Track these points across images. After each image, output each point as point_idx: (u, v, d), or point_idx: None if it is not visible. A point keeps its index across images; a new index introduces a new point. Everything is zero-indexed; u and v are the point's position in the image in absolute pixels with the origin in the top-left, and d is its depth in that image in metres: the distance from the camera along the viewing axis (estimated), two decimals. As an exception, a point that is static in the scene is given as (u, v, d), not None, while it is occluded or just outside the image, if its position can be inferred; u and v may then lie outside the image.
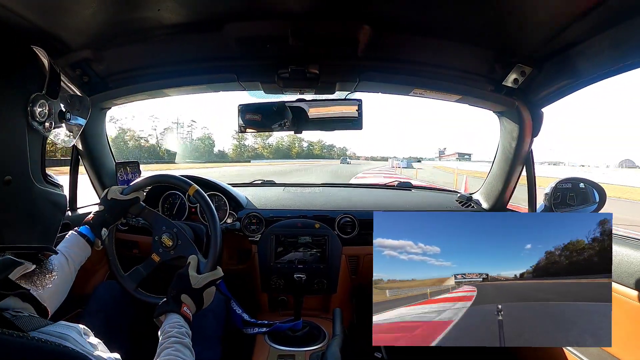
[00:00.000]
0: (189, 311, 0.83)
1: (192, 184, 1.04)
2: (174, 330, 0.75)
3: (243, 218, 1.48)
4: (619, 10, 0.75)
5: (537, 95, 1.17)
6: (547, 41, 0.93)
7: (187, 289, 0.86)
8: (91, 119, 1.41)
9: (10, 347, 0.32)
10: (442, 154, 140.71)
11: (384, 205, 1.69)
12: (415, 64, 1.18)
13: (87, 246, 0.92)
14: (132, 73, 1.23)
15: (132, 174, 1.54)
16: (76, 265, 0.87)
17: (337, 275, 1.43)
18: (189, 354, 0.72)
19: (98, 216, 0.97)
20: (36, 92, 0.48)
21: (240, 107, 1.28)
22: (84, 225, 0.94)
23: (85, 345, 0.44)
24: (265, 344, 1.19)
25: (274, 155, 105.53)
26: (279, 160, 76.68)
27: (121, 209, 1.01)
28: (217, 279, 0.92)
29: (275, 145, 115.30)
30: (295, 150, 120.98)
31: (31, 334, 0.39)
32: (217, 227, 1.02)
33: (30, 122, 0.47)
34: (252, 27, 0.99)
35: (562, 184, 1.21)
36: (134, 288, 1.03)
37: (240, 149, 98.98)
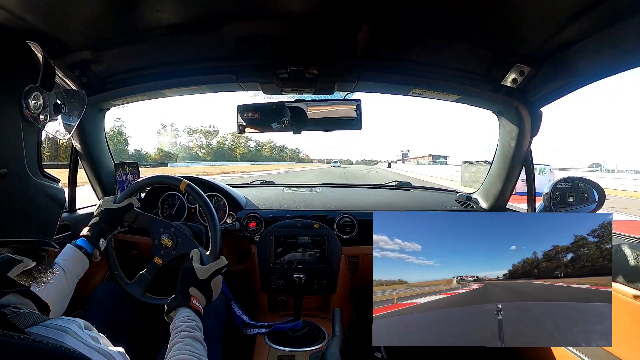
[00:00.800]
0: (199, 304, 0.83)
1: (182, 180, 1.04)
2: (184, 324, 0.74)
3: (242, 218, 1.48)
4: (617, 10, 0.75)
5: (536, 94, 1.17)
6: (546, 40, 0.93)
7: (194, 281, 0.86)
8: (90, 120, 1.41)
9: (10, 349, 0.32)
10: (406, 156, 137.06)
11: (384, 205, 1.69)
12: (414, 64, 1.18)
13: (85, 258, 0.91)
14: (131, 74, 1.23)
15: (131, 174, 1.53)
16: (74, 277, 0.87)
17: (337, 275, 1.43)
18: (201, 347, 0.71)
19: (94, 227, 0.97)
20: (30, 85, 0.48)
21: (239, 107, 1.28)
22: (80, 238, 0.94)
23: (86, 338, 0.44)
24: (265, 345, 1.19)
25: (211, 157, 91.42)
26: (216, 164, 63.92)
27: (116, 217, 1.01)
28: (222, 267, 0.92)
29: (216, 146, 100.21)
30: (240, 151, 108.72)
31: (32, 329, 0.39)
32: (214, 216, 1.01)
33: (25, 114, 0.47)
34: (251, 27, 0.99)
35: (561, 183, 1.21)
36: (141, 294, 1.02)
37: (161, 151, 78.04)
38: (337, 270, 1.43)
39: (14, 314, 0.41)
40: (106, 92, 1.27)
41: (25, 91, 0.47)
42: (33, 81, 0.49)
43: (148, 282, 1.03)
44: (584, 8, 0.77)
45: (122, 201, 1.02)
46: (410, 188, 2.00)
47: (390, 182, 2.10)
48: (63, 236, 1.29)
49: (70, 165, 1.45)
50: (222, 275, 0.92)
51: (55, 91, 0.54)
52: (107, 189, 1.57)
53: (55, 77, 0.54)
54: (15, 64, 0.48)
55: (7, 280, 0.46)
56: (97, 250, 0.94)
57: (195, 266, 0.88)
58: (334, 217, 1.50)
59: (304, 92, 1.28)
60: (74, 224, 1.34)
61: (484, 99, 1.30)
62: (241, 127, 1.29)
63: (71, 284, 0.85)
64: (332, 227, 1.47)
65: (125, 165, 1.55)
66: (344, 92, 1.32)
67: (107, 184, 1.55)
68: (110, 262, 1.05)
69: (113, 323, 1.07)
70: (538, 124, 1.26)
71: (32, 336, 0.35)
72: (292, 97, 1.30)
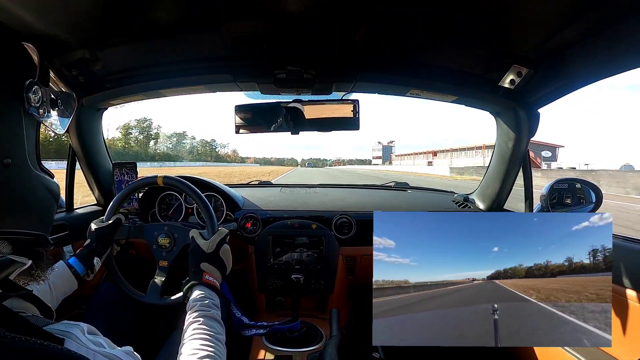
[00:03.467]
0: (213, 279, 0.83)
1: (157, 175, 1.05)
2: (197, 304, 0.74)
3: (240, 219, 1.48)
4: (615, 12, 0.75)
5: (534, 96, 1.17)
6: (543, 42, 0.93)
7: (202, 256, 0.87)
8: (87, 120, 1.40)
9: (10, 350, 0.32)
10: (390, 152, 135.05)
11: (382, 205, 1.69)
12: (412, 64, 1.18)
13: (73, 279, 0.90)
14: (129, 73, 1.23)
15: (128, 174, 1.53)
16: (59, 295, 0.86)
17: (334, 275, 1.43)
18: (217, 325, 0.70)
19: (86, 247, 0.97)
20: (30, 79, 0.50)
21: (236, 107, 1.28)
22: (72, 257, 0.93)
23: (87, 344, 0.44)
24: (263, 345, 1.18)
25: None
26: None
27: (107, 234, 1.01)
28: (225, 236, 0.93)
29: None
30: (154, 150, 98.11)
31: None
32: (200, 196, 1.01)
33: (27, 108, 0.49)
34: (249, 27, 0.99)
35: (558, 184, 1.20)
36: (159, 299, 1.00)
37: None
38: (334, 271, 1.43)
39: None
40: (104, 91, 1.26)
41: (27, 85, 0.49)
42: (32, 77, 0.51)
43: (162, 286, 1.02)
44: (582, 10, 0.77)
45: (110, 218, 1.03)
46: (408, 188, 2.00)
47: (387, 183, 2.10)
48: (60, 236, 1.29)
49: (68, 165, 1.45)
50: (227, 244, 0.93)
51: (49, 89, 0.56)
52: (105, 189, 1.56)
53: (50, 75, 0.56)
54: (15, 62, 0.50)
55: (10, 284, 0.47)
56: (89, 270, 0.93)
57: (199, 242, 0.89)
58: (331, 218, 1.50)
59: (302, 92, 1.28)
60: (71, 224, 1.33)
61: (481, 100, 1.30)
62: (238, 127, 1.29)
63: (55, 300, 0.84)
64: (329, 227, 1.47)
65: (123, 165, 1.54)
66: (341, 92, 1.32)
67: (104, 184, 1.55)
68: (119, 282, 1.04)
69: (115, 323, 1.07)
70: (535, 125, 1.26)
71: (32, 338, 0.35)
72: (290, 97, 1.30)
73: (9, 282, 0.47)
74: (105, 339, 0.49)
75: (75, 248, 1.33)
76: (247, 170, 43.27)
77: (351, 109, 1.25)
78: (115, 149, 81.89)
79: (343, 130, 1.26)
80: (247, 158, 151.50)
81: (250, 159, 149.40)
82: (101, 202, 1.60)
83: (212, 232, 0.93)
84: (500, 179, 1.44)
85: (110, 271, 1.04)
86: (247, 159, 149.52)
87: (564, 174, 16.23)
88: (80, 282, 0.91)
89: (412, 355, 1.35)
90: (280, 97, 1.32)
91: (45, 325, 0.43)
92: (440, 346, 0.73)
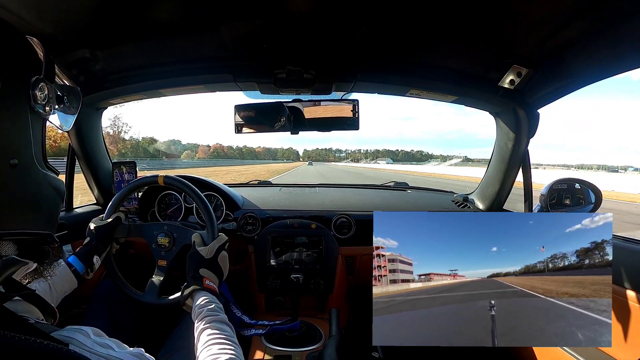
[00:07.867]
0: (212, 283, 0.84)
1: (158, 175, 1.04)
2: (204, 309, 0.74)
3: (240, 218, 1.48)
4: (614, 12, 0.75)
5: (534, 96, 1.17)
6: (543, 42, 0.93)
7: (202, 262, 0.87)
8: (87, 119, 1.40)
9: (11, 349, 0.32)
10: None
11: (381, 205, 1.69)
12: (411, 64, 1.18)
13: (73, 278, 0.89)
14: (129, 73, 1.23)
15: (128, 174, 1.53)
16: (59, 294, 0.85)
17: (334, 275, 1.43)
18: (228, 329, 0.71)
19: (86, 246, 0.97)
20: (36, 76, 0.49)
21: (236, 106, 1.28)
22: (72, 255, 0.93)
23: (91, 346, 0.43)
24: (262, 345, 1.18)
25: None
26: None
27: (107, 233, 1.01)
28: (225, 243, 0.93)
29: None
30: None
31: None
32: (202, 198, 1.00)
33: (33, 105, 0.48)
34: (249, 27, 0.99)
35: (557, 184, 1.20)
36: (157, 299, 0.99)
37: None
38: (334, 271, 1.43)
39: None
40: (104, 91, 1.27)
41: (33, 82, 0.48)
42: (37, 74, 0.50)
43: (160, 285, 1.01)
44: (581, 10, 0.77)
45: (110, 216, 1.03)
46: (407, 188, 2.00)
47: (387, 183, 2.10)
48: (60, 235, 1.29)
49: (67, 165, 1.45)
50: (225, 250, 0.93)
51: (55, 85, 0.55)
52: (104, 188, 1.56)
53: (55, 71, 0.55)
54: (22, 58, 0.49)
55: (13, 283, 0.46)
56: (88, 269, 0.93)
57: (199, 249, 0.89)
58: (331, 217, 1.50)
59: (302, 92, 1.28)
60: (71, 224, 1.33)
61: (481, 100, 1.30)
62: (238, 126, 1.28)
63: (55, 299, 0.83)
64: (329, 227, 1.47)
65: (123, 164, 1.54)
66: (341, 92, 1.32)
67: (104, 183, 1.55)
68: (119, 283, 1.03)
69: (117, 321, 1.07)
70: (535, 126, 1.26)
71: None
72: (290, 97, 1.30)
73: (11, 282, 0.47)
74: (114, 340, 0.48)
75: (74, 247, 1.33)
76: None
77: (351, 109, 1.25)
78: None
79: (343, 130, 1.26)
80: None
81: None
82: (100, 201, 1.60)
83: (212, 235, 0.94)
84: (500, 179, 1.44)
85: (109, 270, 1.03)
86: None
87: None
88: (80, 280, 0.91)
89: (411, 355, 1.35)
90: (280, 97, 1.32)
91: (51, 332, 0.43)
92: (440, 346, 0.73)
